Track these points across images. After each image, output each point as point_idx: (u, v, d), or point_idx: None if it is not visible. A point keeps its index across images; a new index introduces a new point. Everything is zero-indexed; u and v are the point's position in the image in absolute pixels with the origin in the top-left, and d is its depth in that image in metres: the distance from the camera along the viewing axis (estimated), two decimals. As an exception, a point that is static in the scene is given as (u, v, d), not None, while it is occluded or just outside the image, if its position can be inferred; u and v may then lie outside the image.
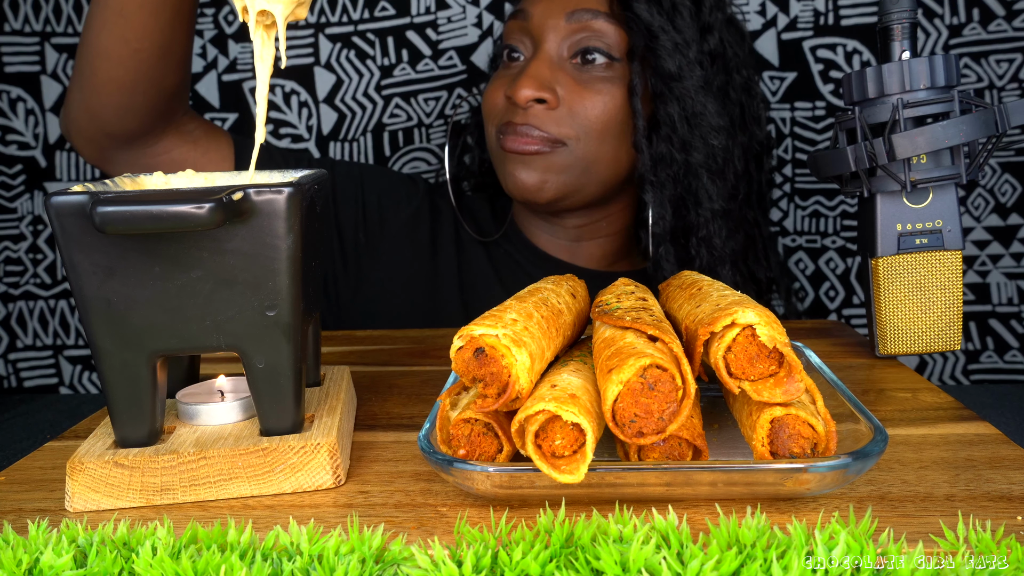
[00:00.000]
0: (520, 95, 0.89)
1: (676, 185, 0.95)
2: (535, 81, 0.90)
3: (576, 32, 0.91)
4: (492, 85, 0.97)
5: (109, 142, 0.84)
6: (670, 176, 0.94)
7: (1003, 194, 1.16)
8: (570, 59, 0.92)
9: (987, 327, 1.18)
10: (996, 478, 0.48)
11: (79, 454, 0.48)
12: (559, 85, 0.91)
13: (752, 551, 0.37)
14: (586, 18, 0.91)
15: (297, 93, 1.22)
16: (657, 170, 0.94)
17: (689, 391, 0.42)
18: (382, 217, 1.02)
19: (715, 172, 0.95)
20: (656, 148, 0.94)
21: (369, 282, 1.01)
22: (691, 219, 0.96)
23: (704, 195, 0.95)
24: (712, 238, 0.96)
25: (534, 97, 0.89)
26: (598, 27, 0.91)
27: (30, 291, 1.25)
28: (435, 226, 1.04)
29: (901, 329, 0.71)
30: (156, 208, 0.42)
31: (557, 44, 0.92)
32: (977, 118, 0.66)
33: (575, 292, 0.58)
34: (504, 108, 0.94)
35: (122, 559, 0.39)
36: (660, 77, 0.92)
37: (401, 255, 1.01)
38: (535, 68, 0.91)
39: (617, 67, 0.92)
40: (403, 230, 1.02)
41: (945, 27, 1.14)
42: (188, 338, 0.48)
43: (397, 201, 1.02)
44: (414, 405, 0.64)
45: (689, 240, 0.97)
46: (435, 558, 0.37)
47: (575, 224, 1.01)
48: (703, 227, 0.96)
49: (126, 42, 0.77)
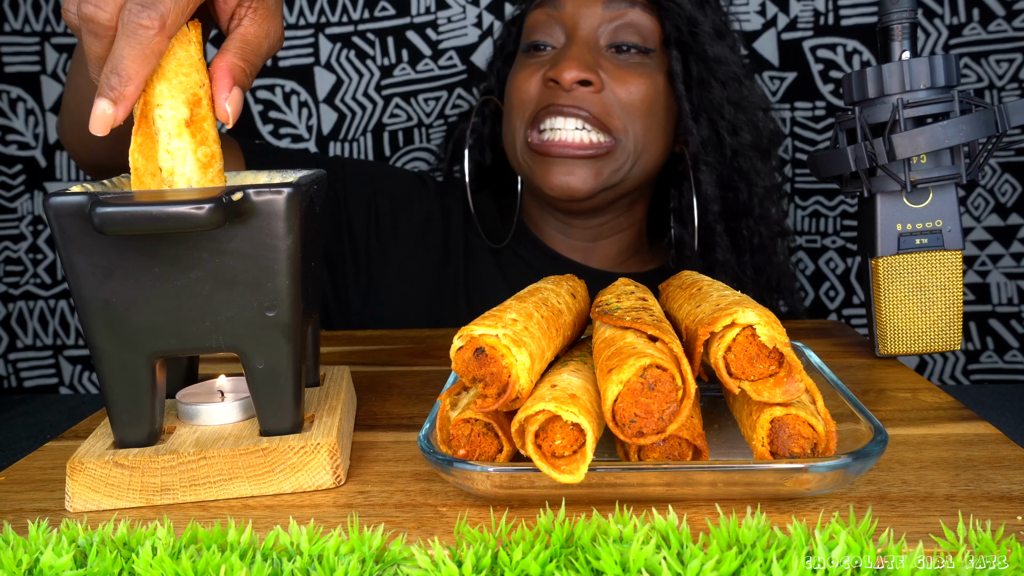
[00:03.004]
0: (566, 76, 0.88)
1: (725, 167, 0.96)
2: (580, 63, 0.88)
3: (612, 20, 0.91)
4: (521, 73, 0.94)
5: (108, 165, 0.82)
6: (718, 159, 0.95)
7: (1003, 194, 1.16)
8: (606, 48, 0.92)
9: (987, 327, 1.18)
10: (996, 478, 0.48)
11: (79, 454, 0.48)
12: (601, 69, 0.90)
13: (752, 551, 0.37)
14: (623, 7, 0.91)
15: (297, 93, 1.22)
16: (707, 152, 0.95)
17: (689, 391, 0.42)
18: (395, 221, 1.00)
19: (763, 151, 0.97)
20: (702, 131, 0.94)
21: (380, 287, 0.99)
22: (743, 200, 0.97)
23: (755, 175, 0.96)
24: (768, 215, 0.98)
25: (580, 78, 0.88)
26: (633, 16, 0.91)
27: (30, 291, 1.25)
28: (446, 230, 1.02)
29: (901, 329, 0.71)
30: (155, 209, 0.42)
31: (593, 32, 0.92)
32: (977, 118, 0.66)
33: (575, 292, 0.58)
34: (539, 95, 0.92)
35: (122, 559, 0.39)
36: (704, 62, 0.93)
37: (414, 260, 1.00)
38: (577, 51, 0.90)
39: (651, 57, 0.92)
40: (415, 235, 1.00)
41: (945, 27, 1.14)
42: (187, 339, 0.48)
43: (408, 204, 1.01)
44: (414, 405, 0.64)
45: (743, 221, 0.98)
46: (435, 558, 0.37)
47: (596, 224, 1.00)
48: (757, 206, 0.97)
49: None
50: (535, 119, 0.92)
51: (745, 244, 0.98)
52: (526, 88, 0.93)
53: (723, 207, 0.97)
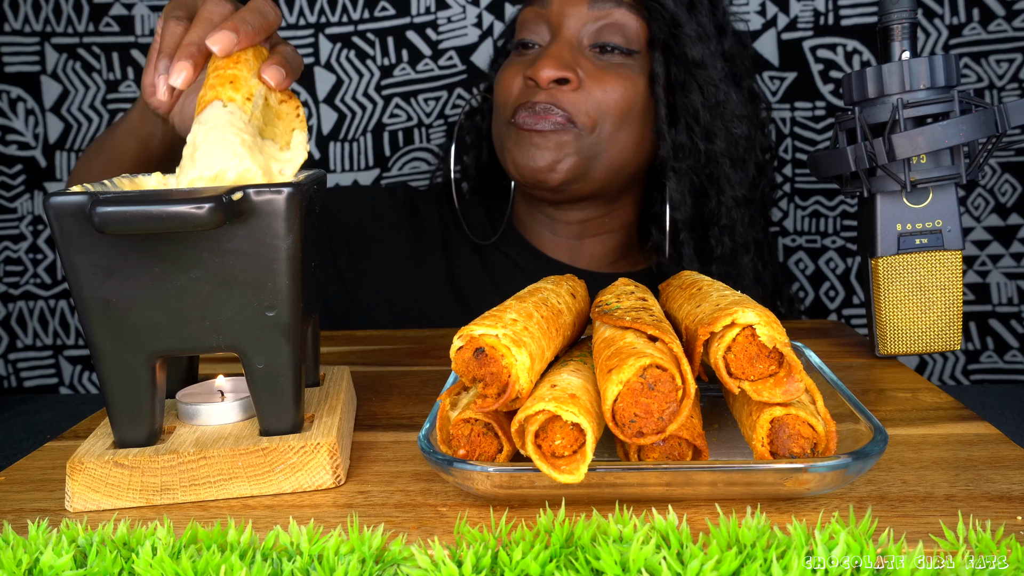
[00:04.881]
0: (542, 74, 0.88)
1: (697, 174, 0.95)
2: (557, 61, 0.89)
3: (597, 20, 0.91)
4: (506, 71, 0.96)
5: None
6: (691, 165, 0.94)
7: (1003, 194, 1.16)
8: (589, 48, 0.92)
9: (987, 327, 1.18)
10: (996, 478, 0.48)
11: (79, 454, 0.48)
12: (580, 68, 0.90)
13: (752, 551, 0.37)
14: (608, 6, 0.91)
15: (297, 93, 1.22)
16: (678, 158, 0.94)
17: (689, 391, 0.42)
18: (365, 240, 1.02)
19: (737, 160, 0.95)
20: (677, 136, 0.94)
21: (359, 302, 1.01)
22: (712, 208, 0.96)
23: (726, 183, 0.95)
24: (735, 226, 0.96)
25: (556, 77, 0.89)
26: (619, 16, 0.91)
27: (30, 291, 1.25)
28: (417, 233, 1.03)
29: (901, 329, 0.71)
30: (155, 208, 0.42)
31: (577, 31, 0.92)
32: (977, 118, 0.66)
33: (575, 292, 0.58)
34: (520, 91, 0.93)
35: (122, 559, 0.38)
36: (684, 65, 0.92)
37: (384, 270, 1.01)
38: (556, 49, 0.90)
39: (634, 59, 0.92)
40: (381, 247, 1.02)
41: (945, 27, 1.14)
42: (187, 338, 0.48)
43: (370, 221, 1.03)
44: (414, 405, 0.64)
45: (709, 230, 0.97)
46: (435, 558, 0.37)
47: (579, 219, 1.00)
48: (725, 216, 0.96)
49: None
50: (513, 115, 0.92)
51: (710, 253, 0.97)
52: (509, 86, 0.94)
53: (693, 214, 0.96)
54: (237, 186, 0.46)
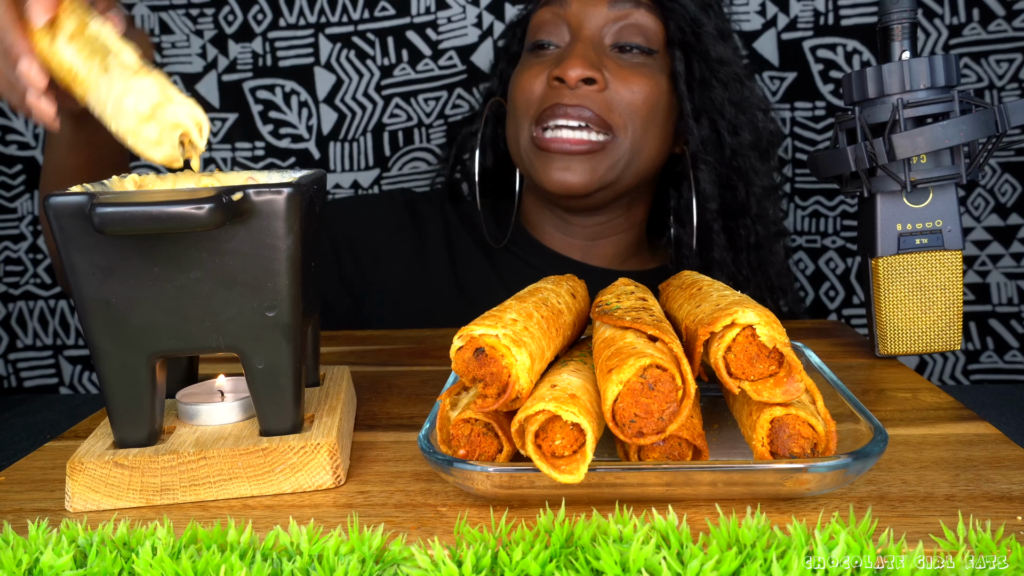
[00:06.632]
0: (571, 73, 0.88)
1: (724, 166, 0.97)
2: (584, 61, 0.89)
3: (618, 20, 0.92)
4: (525, 72, 0.95)
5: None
6: (717, 158, 0.96)
7: (1003, 194, 1.16)
8: (610, 48, 0.93)
9: (987, 327, 1.18)
10: (996, 478, 0.48)
11: (79, 454, 0.48)
12: (605, 69, 0.91)
13: (752, 551, 0.37)
14: (627, 7, 0.92)
15: (297, 93, 1.22)
16: (706, 151, 0.95)
17: (689, 391, 0.42)
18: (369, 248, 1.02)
19: (762, 152, 0.98)
20: (703, 132, 0.95)
21: (367, 310, 1.01)
22: (742, 199, 0.98)
23: (753, 174, 0.97)
24: (766, 214, 0.99)
25: (586, 76, 0.89)
26: (638, 17, 0.92)
27: (30, 291, 1.25)
28: (421, 237, 1.03)
29: (901, 329, 0.71)
30: (155, 209, 0.42)
31: (598, 31, 0.92)
32: (977, 118, 0.66)
33: (575, 292, 0.58)
34: (544, 94, 0.92)
35: (122, 559, 0.39)
36: (706, 63, 0.94)
37: (390, 276, 1.01)
38: (582, 49, 0.90)
39: (654, 58, 0.93)
40: (385, 253, 1.02)
41: (945, 27, 1.14)
42: (187, 339, 0.48)
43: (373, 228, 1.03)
44: (414, 405, 0.64)
45: (738, 221, 0.99)
46: (435, 558, 0.37)
47: (596, 222, 1.00)
48: (755, 205, 0.98)
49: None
50: (540, 117, 0.92)
51: (742, 243, 0.99)
52: (531, 87, 0.93)
53: (721, 206, 0.98)
54: (237, 186, 0.46)
